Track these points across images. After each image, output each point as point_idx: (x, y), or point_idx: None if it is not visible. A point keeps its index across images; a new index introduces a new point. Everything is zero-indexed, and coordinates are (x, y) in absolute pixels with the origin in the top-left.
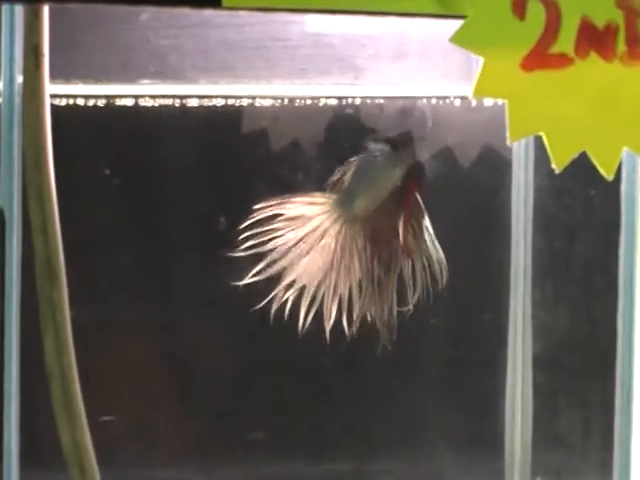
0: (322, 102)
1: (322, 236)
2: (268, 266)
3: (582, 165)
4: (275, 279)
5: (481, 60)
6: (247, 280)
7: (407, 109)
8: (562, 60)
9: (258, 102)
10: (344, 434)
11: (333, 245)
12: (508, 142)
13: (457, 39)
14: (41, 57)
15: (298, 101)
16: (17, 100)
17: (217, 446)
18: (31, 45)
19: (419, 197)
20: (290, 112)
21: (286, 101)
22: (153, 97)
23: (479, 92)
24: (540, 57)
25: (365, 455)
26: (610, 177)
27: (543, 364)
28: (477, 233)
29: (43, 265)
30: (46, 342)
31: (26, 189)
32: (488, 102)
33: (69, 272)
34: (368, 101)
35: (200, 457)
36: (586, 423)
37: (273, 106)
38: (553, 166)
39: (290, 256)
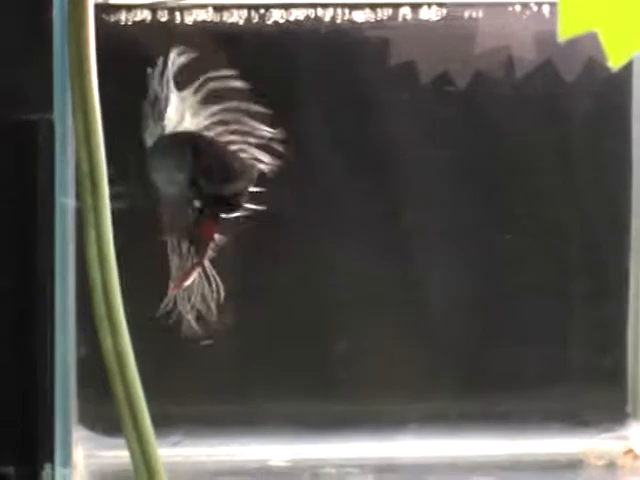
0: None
1: None
2: None
3: None
4: None
5: None
6: None
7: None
8: None
9: None
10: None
11: None
12: (558, 38)
13: None
14: None
15: None
16: None
17: None
18: None
19: None
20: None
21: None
22: None
23: None
24: None
25: (475, 392)
26: None
27: None
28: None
29: (86, 176)
30: (88, 252)
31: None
32: None
33: None
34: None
35: None
36: None
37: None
38: (609, 64)
39: None
